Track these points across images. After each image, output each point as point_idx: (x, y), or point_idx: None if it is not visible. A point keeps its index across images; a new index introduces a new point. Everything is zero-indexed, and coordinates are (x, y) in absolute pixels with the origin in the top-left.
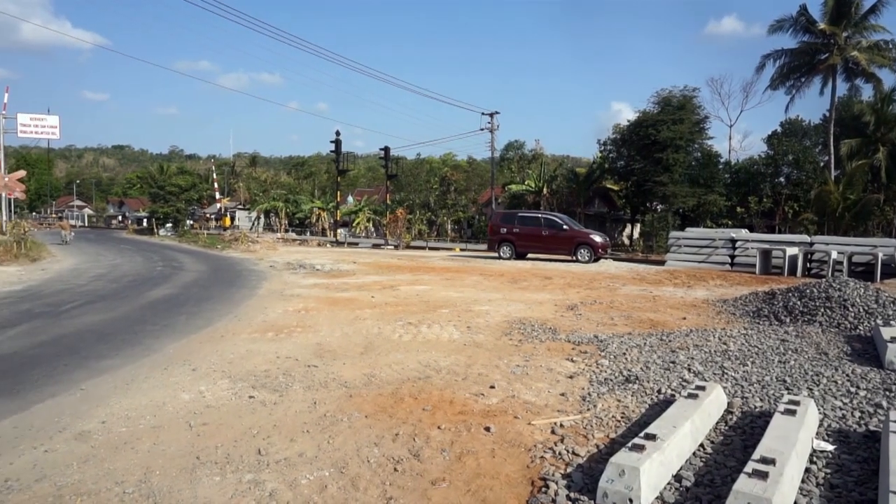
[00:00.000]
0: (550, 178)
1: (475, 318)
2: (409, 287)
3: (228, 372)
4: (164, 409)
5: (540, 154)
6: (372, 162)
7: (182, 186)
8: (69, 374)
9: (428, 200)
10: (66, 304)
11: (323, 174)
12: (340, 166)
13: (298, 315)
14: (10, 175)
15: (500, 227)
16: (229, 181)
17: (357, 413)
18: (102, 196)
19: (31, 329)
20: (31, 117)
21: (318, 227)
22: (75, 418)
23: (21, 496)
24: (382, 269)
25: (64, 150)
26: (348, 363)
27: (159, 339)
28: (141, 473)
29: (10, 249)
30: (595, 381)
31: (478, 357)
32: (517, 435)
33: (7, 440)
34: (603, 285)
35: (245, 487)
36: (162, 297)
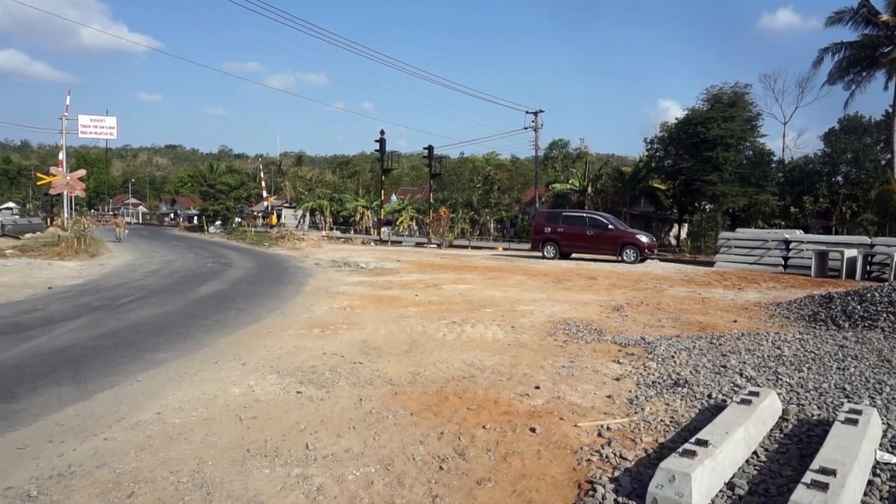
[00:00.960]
0: (595, 178)
1: (519, 318)
2: (452, 286)
3: (276, 367)
4: (216, 401)
5: (584, 153)
6: (415, 161)
7: (231, 185)
8: (126, 365)
9: (471, 199)
10: (122, 299)
11: (367, 173)
12: (385, 165)
13: (344, 312)
14: (71, 174)
15: (543, 226)
16: (276, 180)
17: (402, 411)
18: (156, 194)
19: (91, 322)
20: (90, 118)
21: (362, 226)
22: (132, 408)
23: (83, 481)
24: (426, 268)
25: (120, 149)
26: (393, 361)
27: (210, 333)
28: (194, 464)
29: (71, 245)
30: (642, 384)
31: (522, 357)
32: (563, 437)
33: (70, 427)
34: (649, 286)
35: (293, 481)
36: (212, 292)
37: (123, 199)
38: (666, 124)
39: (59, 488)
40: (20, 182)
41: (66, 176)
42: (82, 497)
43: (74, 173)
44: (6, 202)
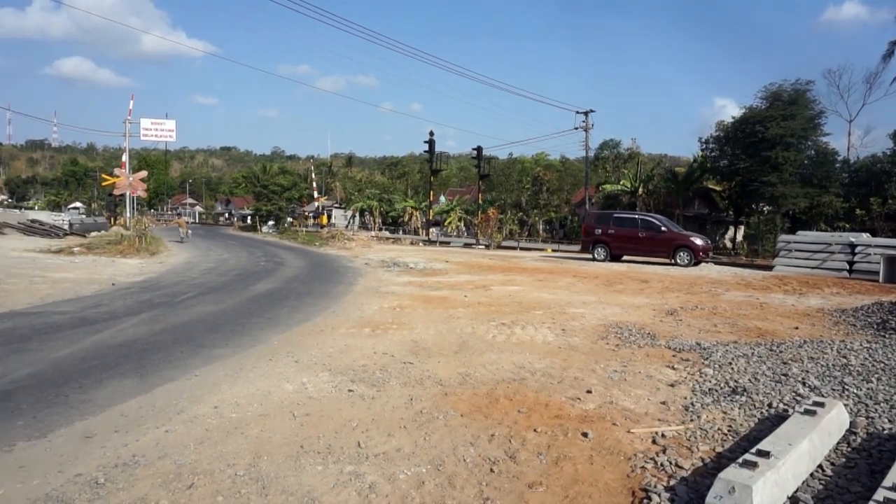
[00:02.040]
0: (647, 178)
1: (570, 321)
2: (501, 287)
3: (328, 365)
4: (270, 398)
5: (636, 153)
6: (464, 161)
7: (283, 186)
8: (185, 360)
9: (519, 200)
10: (180, 296)
11: (416, 174)
12: (434, 166)
13: (393, 312)
14: (134, 175)
15: (594, 227)
16: (326, 181)
17: (452, 411)
18: (211, 194)
19: (152, 317)
20: (151, 122)
21: (411, 226)
22: (191, 402)
23: (147, 471)
24: (474, 269)
25: (178, 151)
26: (443, 361)
27: (264, 330)
28: (250, 458)
29: (132, 244)
30: (698, 391)
31: (573, 360)
32: (616, 442)
33: (134, 419)
34: (704, 290)
35: (346, 478)
36: (266, 290)
37: (181, 200)
38: (722, 123)
39: (125, 477)
40: (86, 183)
41: (128, 177)
42: (146, 486)
43: (136, 174)
44: (73, 202)
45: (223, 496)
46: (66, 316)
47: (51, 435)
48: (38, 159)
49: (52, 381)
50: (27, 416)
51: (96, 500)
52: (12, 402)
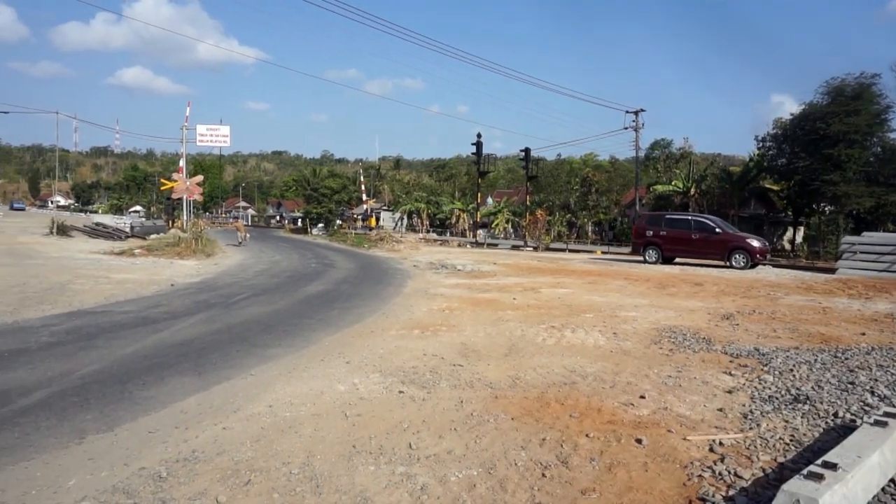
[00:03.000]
0: (700, 178)
1: (621, 325)
2: (550, 290)
3: (379, 366)
4: (323, 398)
5: (688, 152)
6: (511, 163)
7: (333, 189)
8: (240, 359)
9: (568, 202)
10: (235, 297)
11: (463, 176)
12: (481, 168)
13: (443, 314)
14: (191, 180)
15: (645, 229)
16: (375, 183)
17: (503, 415)
18: (263, 197)
19: (208, 318)
20: (207, 128)
21: (458, 228)
22: (247, 400)
23: (206, 466)
24: (523, 271)
25: (232, 156)
26: (493, 364)
27: (316, 331)
28: (304, 457)
29: (189, 246)
30: (758, 399)
31: (626, 365)
32: (671, 450)
33: (193, 416)
34: (762, 294)
35: (398, 479)
36: (316, 292)
37: (234, 203)
38: (780, 120)
39: (185, 472)
40: (146, 187)
41: (185, 181)
42: (205, 481)
43: (193, 179)
44: (134, 206)
45: (279, 493)
46: (129, 315)
47: (117, 429)
48: (102, 165)
49: (117, 377)
50: (95, 410)
51: (159, 493)
52: (81, 396)
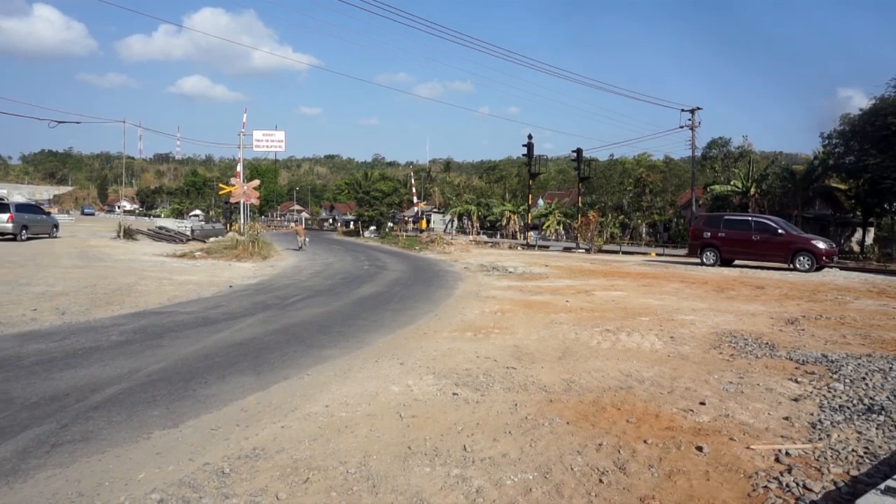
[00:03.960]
0: (760, 178)
1: (679, 328)
2: (604, 292)
3: (432, 368)
4: (378, 398)
5: (748, 151)
6: (562, 164)
7: (384, 192)
8: (297, 360)
9: (621, 203)
10: (291, 298)
11: (513, 177)
12: (532, 169)
13: (495, 316)
14: (248, 184)
15: (703, 230)
16: (425, 186)
17: (558, 419)
18: (316, 201)
19: (266, 318)
20: (263, 133)
21: (509, 230)
22: (304, 400)
23: (266, 464)
24: (575, 273)
25: (286, 160)
26: (546, 367)
27: (370, 333)
28: (360, 456)
29: (246, 248)
30: (827, 408)
31: (684, 370)
32: (734, 458)
33: (253, 414)
34: (829, 298)
35: (453, 481)
36: (369, 294)
37: (289, 206)
38: (848, 116)
39: (247, 468)
40: (205, 192)
41: (243, 186)
42: (266, 478)
43: (250, 183)
44: (194, 210)
45: (336, 492)
46: (190, 315)
47: (181, 425)
48: (164, 171)
49: (181, 375)
50: (161, 407)
51: (223, 488)
52: (148, 393)
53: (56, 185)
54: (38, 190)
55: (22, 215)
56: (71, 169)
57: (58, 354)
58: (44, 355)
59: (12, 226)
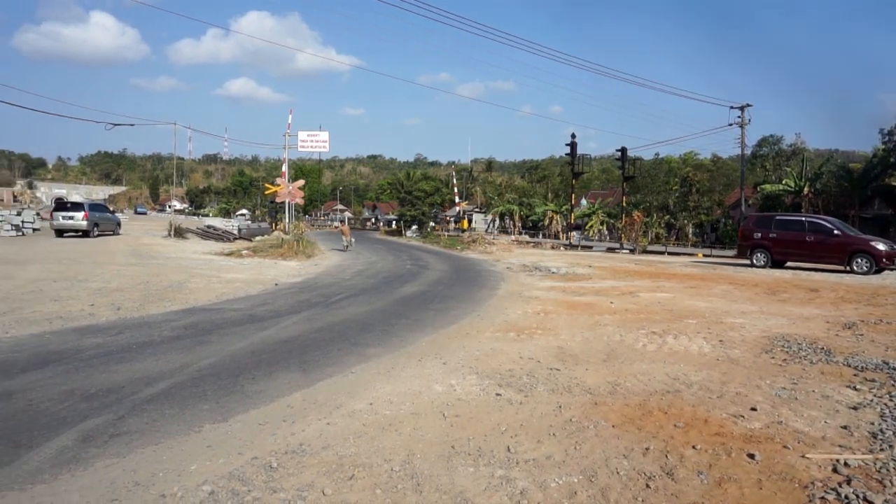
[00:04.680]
0: (814, 177)
1: (728, 332)
2: (649, 294)
3: (475, 368)
4: (421, 397)
5: (801, 149)
6: (606, 163)
7: (426, 191)
8: (342, 358)
9: (667, 202)
10: (335, 296)
11: (556, 177)
12: (575, 169)
13: (538, 317)
14: (293, 184)
15: (753, 231)
16: (467, 185)
17: (603, 422)
18: (359, 200)
19: (310, 316)
20: (307, 134)
21: (551, 230)
22: (349, 397)
23: (312, 460)
24: (619, 274)
25: (329, 160)
26: (591, 369)
27: (413, 332)
28: (404, 454)
29: (291, 247)
30: (889, 417)
31: (734, 374)
32: (788, 467)
33: (299, 410)
34: (890, 301)
35: (497, 482)
36: (412, 293)
37: (332, 206)
38: None
39: (294, 463)
40: (251, 191)
41: (288, 186)
42: (312, 474)
43: (295, 183)
44: (241, 209)
45: (381, 490)
46: (238, 313)
47: (231, 420)
48: (212, 171)
49: (230, 371)
50: (211, 401)
51: (271, 482)
52: (199, 388)
53: (111, 186)
54: (94, 190)
55: (94, 214)
56: (125, 169)
57: (114, 348)
58: (101, 349)
59: (86, 224)
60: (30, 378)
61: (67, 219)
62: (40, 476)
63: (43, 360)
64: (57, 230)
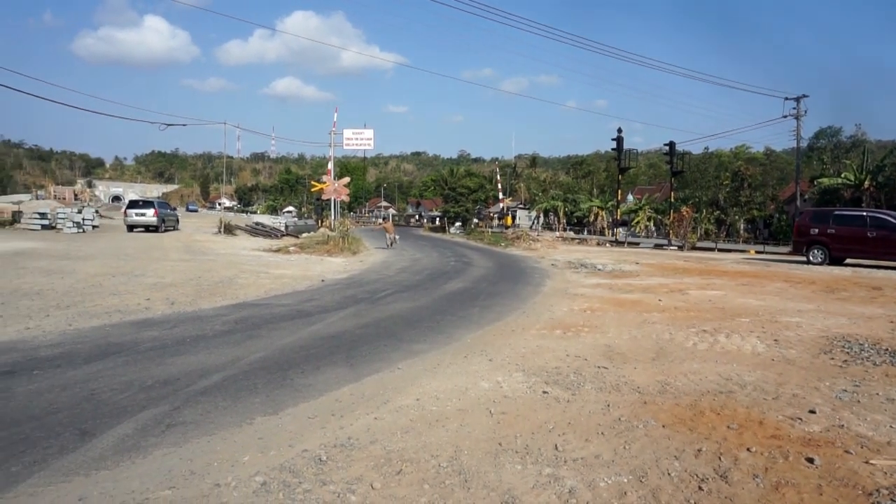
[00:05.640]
0: (876, 169)
1: (783, 331)
2: (699, 291)
3: (522, 365)
4: (467, 394)
5: (861, 140)
6: (653, 158)
7: (470, 188)
8: (388, 353)
9: (717, 198)
10: (380, 292)
11: (601, 172)
12: (622, 164)
13: (584, 314)
14: (339, 181)
15: (809, 227)
16: (511, 182)
17: (653, 421)
18: (403, 197)
19: (356, 312)
20: (352, 132)
21: (597, 227)
22: (395, 393)
23: (361, 453)
24: (667, 271)
25: (374, 158)
26: (639, 368)
27: (458, 328)
28: (451, 451)
29: (337, 244)
30: None
31: (790, 375)
32: (850, 473)
33: (347, 405)
34: None
35: (545, 480)
36: (457, 289)
37: (376, 203)
38: None
39: (343, 457)
40: (297, 189)
41: (334, 183)
42: (360, 468)
43: (341, 180)
44: (287, 206)
45: (429, 485)
46: (286, 308)
47: (281, 413)
48: (260, 169)
49: (280, 364)
50: (262, 394)
51: (321, 475)
52: (250, 381)
53: (164, 184)
54: (148, 188)
55: (162, 211)
56: (177, 168)
57: (169, 341)
58: (157, 342)
59: (156, 220)
60: (92, 369)
61: (140, 215)
62: (103, 462)
63: (104, 352)
64: (129, 225)
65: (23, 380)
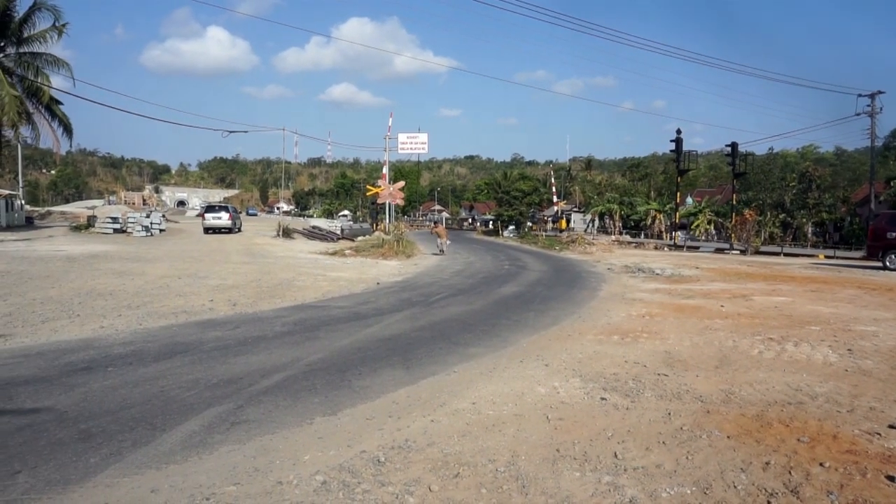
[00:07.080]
0: None
1: (857, 340)
2: (764, 297)
3: (578, 371)
4: (524, 399)
5: None
6: (714, 159)
7: (523, 191)
8: (444, 356)
9: (782, 200)
10: (434, 296)
11: (659, 175)
12: (681, 166)
13: (642, 320)
14: (394, 185)
15: (885, 230)
16: (565, 185)
17: (717, 432)
18: (456, 201)
19: (412, 315)
20: (407, 136)
21: (654, 230)
22: (452, 396)
23: (418, 456)
24: (730, 276)
25: (428, 162)
26: (701, 376)
27: (513, 332)
28: (508, 455)
29: (392, 247)
30: None
31: (866, 387)
32: None
33: (403, 407)
34: None
35: (605, 488)
36: (511, 293)
37: (430, 206)
38: None
39: (400, 458)
40: (353, 193)
41: (389, 187)
42: (418, 470)
43: (396, 184)
44: (343, 210)
45: (486, 489)
46: (343, 310)
47: (339, 413)
48: (316, 174)
49: (337, 366)
50: (321, 395)
51: (379, 476)
52: (309, 381)
53: (225, 189)
54: (210, 193)
55: (235, 215)
56: (237, 174)
57: (232, 342)
58: (220, 342)
59: (230, 223)
60: (161, 367)
61: (216, 219)
62: (173, 457)
63: (171, 351)
64: (206, 228)
65: (98, 376)
